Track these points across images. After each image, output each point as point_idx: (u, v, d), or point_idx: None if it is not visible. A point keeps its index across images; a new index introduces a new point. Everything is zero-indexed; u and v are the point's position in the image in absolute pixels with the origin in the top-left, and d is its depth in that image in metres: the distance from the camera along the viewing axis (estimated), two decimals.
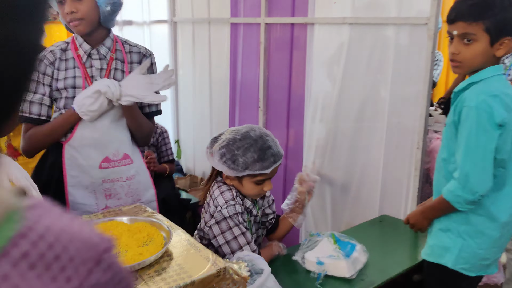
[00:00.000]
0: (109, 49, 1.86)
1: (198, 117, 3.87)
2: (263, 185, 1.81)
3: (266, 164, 1.76)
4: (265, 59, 3.03)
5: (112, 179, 1.87)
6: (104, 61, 1.86)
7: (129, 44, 1.94)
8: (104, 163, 1.85)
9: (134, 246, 1.40)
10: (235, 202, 1.78)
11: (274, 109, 3.07)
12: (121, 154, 1.88)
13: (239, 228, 1.74)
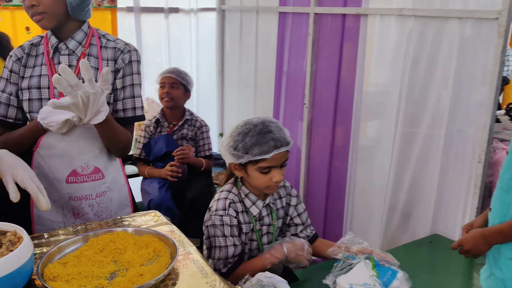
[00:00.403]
0: (80, 43, 1.62)
1: (242, 110, 3.70)
2: (270, 175, 1.66)
3: (265, 148, 1.63)
4: (312, 52, 2.80)
5: (79, 196, 1.64)
6: (73, 56, 1.62)
7: (107, 39, 1.68)
8: (71, 177, 1.62)
9: (137, 264, 1.24)
10: (224, 213, 1.70)
11: (321, 106, 2.83)
12: (91, 167, 1.64)
13: (226, 240, 1.68)
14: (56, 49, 1.61)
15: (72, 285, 1.15)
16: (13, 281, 1.10)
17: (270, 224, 1.80)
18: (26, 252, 1.14)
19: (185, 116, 2.90)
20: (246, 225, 1.76)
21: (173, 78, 2.81)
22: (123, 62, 1.65)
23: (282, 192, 1.85)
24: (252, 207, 1.75)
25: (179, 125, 2.87)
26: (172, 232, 1.46)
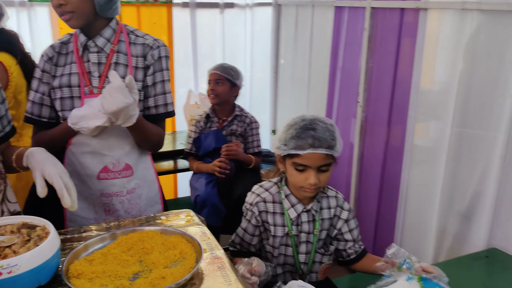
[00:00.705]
0: (109, 40, 1.60)
1: (295, 107, 3.61)
2: (305, 175, 1.56)
3: (301, 143, 1.54)
4: (368, 48, 2.66)
5: (110, 193, 1.65)
6: (102, 54, 1.61)
7: (135, 35, 1.66)
8: (102, 174, 1.63)
9: (161, 266, 1.22)
10: (249, 207, 1.70)
11: (375, 105, 2.69)
12: (122, 164, 1.65)
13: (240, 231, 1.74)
14: (85, 47, 1.60)
15: (94, 284, 1.14)
16: (36, 276, 1.11)
17: (310, 233, 1.70)
18: (51, 247, 1.15)
19: (235, 112, 2.86)
20: (280, 227, 1.68)
21: (217, 75, 2.78)
22: (153, 58, 1.63)
23: (333, 202, 1.72)
24: (291, 210, 1.67)
25: (228, 121, 2.84)
26: (203, 233, 1.42)
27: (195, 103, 3.44)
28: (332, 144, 1.56)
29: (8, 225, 1.25)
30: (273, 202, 1.68)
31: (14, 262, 1.06)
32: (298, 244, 1.69)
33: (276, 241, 1.68)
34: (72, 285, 1.12)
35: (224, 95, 2.79)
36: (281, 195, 1.69)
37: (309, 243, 1.70)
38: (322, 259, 1.72)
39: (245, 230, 1.71)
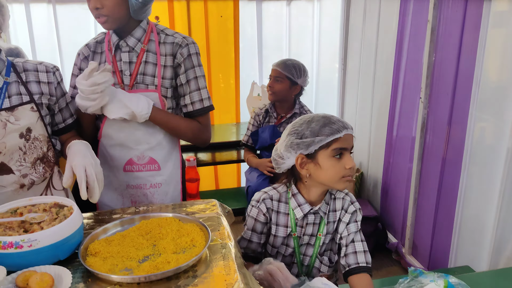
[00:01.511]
0: (139, 40, 1.67)
1: (361, 101, 3.52)
2: (343, 161, 1.49)
3: (336, 126, 1.49)
4: (431, 42, 2.52)
5: (135, 185, 1.73)
6: (133, 53, 1.68)
7: (165, 34, 1.70)
8: (127, 166, 1.72)
9: (170, 251, 1.28)
10: (255, 205, 1.64)
11: (438, 102, 2.55)
12: (146, 158, 1.72)
13: (246, 232, 1.65)
14: (117, 47, 1.68)
15: (106, 263, 1.23)
16: (55, 252, 1.22)
17: (313, 235, 1.63)
18: (71, 226, 1.26)
19: (295, 109, 2.83)
20: (282, 228, 1.62)
21: (277, 72, 2.74)
22: (182, 56, 1.68)
23: (339, 204, 1.64)
24: (297, 209, 1.59)
25: (287, 118, 2.82)
26: (219, 224, 1.46)
27: (257, 95, 3.49)
28: (352, 126, 1.55)
29: (42, 203, 1.38)
30: (278, 200, 1.63)
31: (35, 237, 1.18)
32: (299, 246, 1.64)
33: (277, 240, 1.64)
34: (86, 262, 1.22)
35: (281, 93, 2.77)
36: (288, 195, 1.63)
37: (311, 246, 1.64)
38: (320, 267, 1.65)
39: (253, 230, 1.64)
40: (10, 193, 1.51)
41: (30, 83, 1.54)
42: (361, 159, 3.57)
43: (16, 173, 1.51)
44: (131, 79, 1.68)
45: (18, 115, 1.48)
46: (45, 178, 1.58)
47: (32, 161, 1.53)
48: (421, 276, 1.52)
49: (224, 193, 3.31)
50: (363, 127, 3.49)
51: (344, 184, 1.53)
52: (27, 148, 1.50)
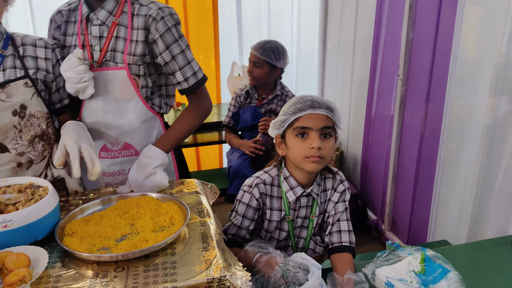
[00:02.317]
0: (111, 13, 1.55)
1: (341, 79, 3.53)
2: (307, 140, 1.49)
3: (300, 106, 1.50)
4: (409, 19, 2.52)
5: (111, 172, 1.67)
6: (104, 27, 1.57)
7: (140, 4, 1.56)
8: (102, 152, 1.65)
9: (148, 230, 1.28)
10: (247, 190, 1.59)
11: (416, 79, 2.56)
12: (121, 143, 1.64)
13: (236, 218, 1.60)
14: (88, 19, 1.58)
15: (84, 242, 1.22)
16: (31, 232, 1.21)
17: (306, 217, 1.63)
18: (46, 206, 1.24)
19: (276, 90, 2.82)
20: (276, 212, 1.61)
21: (256, 57, 2.71)
22: (158, 32, 1.55)
23: (329, 183, 1.63)
24: (289, 192, 1.58)
25: (268, 99, 2.82)
26: (199, 202, 1.46)
27: (238, 75, 3.47)
28: (331, 106, 1.52)
29: (17, 184, 1.36)
30: (271, 184, 1.60)
31: (9, 217, 1.16)
32: (293, 229, 1.64)
33: (271, 225, 1.62)
34: (62, 242, 1.21)
35: (262, 78, 2.75)
36: (280, 178, 1.61)
37: (304, 228, 1.65)
38: (315, 248, 1.67)
39: (244, 216, 1.59)
40: (7, 172, 1.49)
41: (26, 57, 1.49)
42: (341, 138, 3.59)
43: (12, 152, 1.48)
44: (100, 54, 1.58)
45: (10, 91, 1.44)
46: (44, 157, 1.55)
47: (29, 139, 1.50)
48: (399, 250, 1.54)
49: (206, 174, 3.31)
50: (343, 106, 3.50)
51: (310, 165, 1.51)
52: (22, 125, 1.47)
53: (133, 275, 1.10)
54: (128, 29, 1.56)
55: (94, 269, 1.13)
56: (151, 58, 1.61)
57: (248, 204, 1.58)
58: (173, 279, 1.08)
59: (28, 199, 1.29)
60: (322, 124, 1.50)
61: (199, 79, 1.65)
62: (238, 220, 1.59)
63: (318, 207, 1.62)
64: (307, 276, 1.40)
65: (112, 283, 1.07)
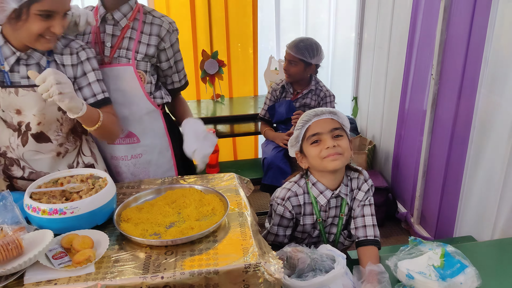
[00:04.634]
0: (125, 15, 1.78)
1: (376, 73, 3.60)
2: (322, 143, 1.68)
3: (306, 118, 1.72)
4: (444, 20, 2.58)
5: (117, 157, 1.89)
6: (117, 27, 1.79)
7: (152, 15, 1.83)
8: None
9: (193, 219, 1.45)
10: (281, 203, 1.75)
11: (448, 78, 2.63)
12: (125, 131, 1.87)
13: (272, 228, 1.77)
14: (103, 19, 1.79)
15: (137, 228, 1.40)
16: (93, 217, 1.40)
17: (336, 216, 1.79)
18: (106, 195, 1.43)
19: (310, 85, 2.93)
20: (308, 216, 1.77)
21: (291, 55, 2.81)
22: (170, 42, 1.85)
23: (355, 183, 1.79)
24: (320, 196, 1.74)
25: (303, 94, 2.92)
26: (237, 195, 1.62)
27: (275, 69, 3.59)
28: (333, 111, 1.71)
29: (79, 174, 1.55)
30: (303, 193, 1.75)
31: (76, 205, 1.35)
32: (324, 228, 1.80)
33: (305, 228, 1.79)
34: (120, 227, 1.39)
35: (297, 76, 2.86)
36: (308, 185, 1.76)
37: (334, 225, 1.81)
38: (344, 242, 1.83)
39: (280, 225, 1.76)
40: (48, 160, 1.68)
41: (59, 64, 1.64)
42: (374, 132, 3.67)
43: (53, 142, 1.67)
44: (111, 51, 1.79)
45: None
46: (76, 146, 1.75)
47: (67, 132, 1.69)
48: (421, 245, 1.66)
49: (242, 164, 3.46)
50: (376, 100, 3.58)
51: (331, 163, 1.67)
52: (63, 119, 1.65)
53: (181, 259, 1.27)
54: (138, 32, 1.80)
55: (147, 252, 1.31)
56: (157, 61, 1.87)
57: (282, 216, 1.75)
58: (215, 263, 1.24)
59: (89, 188, 1.48)
60: (330, 126, 1.67)
61: (186, 80, 2.08)
62: (274, 229, 1.77)
63: (347, 205, 1.76)
64: (334, 264, 1.55)
65: (163, 264, 1.25)
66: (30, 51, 1.56)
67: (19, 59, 1.56)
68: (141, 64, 1.81)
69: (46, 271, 1.21)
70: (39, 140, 1.63)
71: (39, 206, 1.34)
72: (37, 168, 1.67)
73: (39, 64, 1.58)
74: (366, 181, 1.79)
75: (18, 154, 1.65)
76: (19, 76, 1.57)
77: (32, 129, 1.60)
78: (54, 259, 1.25)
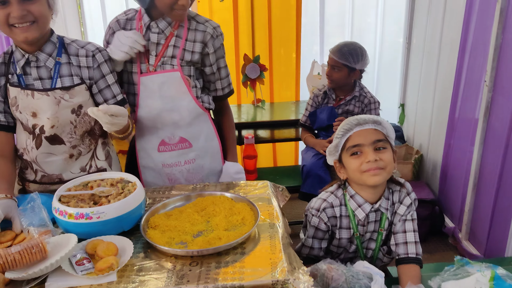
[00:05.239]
0: (170, 24, 1.75)
1: (424, 79, 3.43)
2: (362, 155, 1.55)
3: (347, 126, 1.59)
4: (499, 23, 2.41)
5: (170, 164, 1.85)
6: (162, 36, 1.76)
7: (196, 21, 1.79)
8: (161, 146, 1.84)
9: (222, 228, 1.39)
10: (316, 214, 1.65)
11: (503, 86, 2.45)
12: (177, 137, 1.83)
13: (307, 240, 1.68)
14: (148, 27, 1.76)
15: (164, 235, 1.35)
16: (120, 223, 1.37)
17: (375, 231, 1.67)
18: (134, 201, 1.39)
19: (354, 91, 2.81)
20: (345, 230, 1.66)
21: (334, 60, 2.71)
22: (214, 48, 1.80)
23: (396, 196, 1.66)
24: (358, 210, 1.62)
25: (345, 100, 2.81)
26: (269, 204, 1.55)
27: (317, 74, 3.49)
28: (378, 120, 1.57)
29: (110, 178, 1.53)
30: (339, 205, 1.65)
31: (102, 210, 1.32)
32: (362, 243, 1.69)
33: (341, 242, 1.68)
34: (146, 234, 1.35)
35: (340, 81, 2.75)
36: (345, 197, 1.65)
37: (373, 240, 1.68)
38: (383, 258, 1.71)
39: (314, 237, 1.67)
40: (60, 161, 1.69)
41: (74, 66, 1.64)
42: (422, 141, 3.50)
43: (67, 144, 1.67)
44: (156, 59, 1.77)
45: (74, 93, 1.62)
46: (90, 150, 1.74)
47: (81, 134, 1.68)
48: (468, 266, 1.53)
49: (281, 171, 3.38)
50: (425, 108, 3.41)
51: (371, 179, 1.54)
52: (77, 122, 1.65)
53: (205, 271, 1.21)
54: (183, 40, 1.77)
55: (172, 262, 1.26)
56: (201, 65, 1.82)
57: (317, 227, 1.65)
58: (240, 277, 1.17)
59: (118, 193, 1.45)
60: (372, 138, 1.54)
61: (231, 89, 1.97)
62: (308, 241, 1.68)
63: (387, 220, 1.65)
64: (371, 283, 1.44)
65: (187, 276, 1.19)
66: (37, 52, 1.58)
67: (28, 61, 1.59)
68: (185, 69, 1.78)
69: (68, 277, 1.19)
70: (52, 142, 1.65)
71: (66, 210, 1.32)
72: (49, 171, 1.69)
73: (45, 65, 1.61)
74: (409, 194, 1.67)
75: (32, 157, 1.67)
76: (32, 78, 1.61)
77: (46, 132, 1.62)
78: (77, 265, 1.22)
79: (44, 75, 1.61)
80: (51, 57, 1.60)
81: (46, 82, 1.61)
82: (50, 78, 1.61)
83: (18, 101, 1.61)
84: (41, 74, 1.61)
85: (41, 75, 1.61)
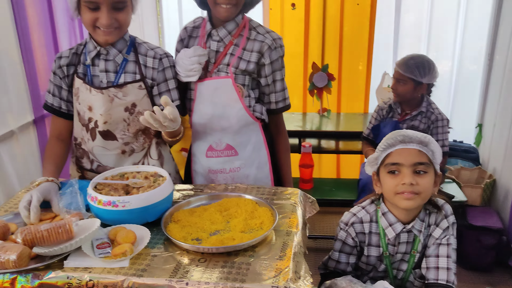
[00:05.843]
0: (230, 32, 1.77)
1: (503, 99, 3.18)
2: (400, 176, 1.47)
3: (391, 141, 1.51)
4: None
5: (215, 170, 1.86)
6: (221, 44, 1.78)
7: (257, 32, 1.78)
8: (209, 152, 1.87)
9: (238, 230, 1.41)
10: (344, 227, 1.61)
11: None
12: (223, 144, 1.85)
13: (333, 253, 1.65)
14: (209, 35, 1.80)
15: (183, 230, 1.41)
16: (144, 214, 1.44)
17: (407, 253, 1.59)
18: (160, 194, 1.45)
19: (421, 107, 2.69)
20: (374, 248, 1.60)
21: (399, 73, 2.60)
22: (270, 59, 1.77)
23: (432, 218, 1.57)
24: (388, 229, 1.55)
25: (411, 115, 2.68)
26: (292, 212, 1.54)
27: (387, 86, 3.39)
28: (425, 140, 1.47)
29: (145, 171, 1.61)
30: (370, 221, 1.59)
31: (128, 199, 1.40)
32: (392, 263, 1.61)
33: (370, 260, 1.62)
34: (167, 227, 1.41)
35: (406, 95, 2.63)
36: (378, 213, 1.59)
37: (404, 262, 1.60)
38: (414, 282, 1.61)
39: (341, 252, 1.63)
40: (113, 156, 1.79)
41: (141, 64, 1.74)
42: (496, 165, 3.25)
43: (119, 140, 1.76)
44: (213, 66, 1.80)
45: (126, 91, 1.71)
46: (144, 148, 1.82)
47: (134, 132, 1.77)
48: None
49: (339, 183, 3.31)
50: (502, 129, 3.17)
51: (403, 202, 1.48)
52: (130, 120, 1.74)
53: (210, 269, 1.23)
54: (240, 49, 1.78)
55: (183, 256, 1.30)
56: (257, 76, 1.81)
57: (344, 242, 1.62)
58: (242, 279, 1.18)
59: (150, 186, 1.52)
60: (414, 160, 1.46)
61: (286, 104, 1.91)
62: (335, 255, 1.64)
63: (421, 243, 1.57)
64: None
65: (192, 271, 1.23)
66: (109, 47, 1.69)
67: (99, 54, 1.71)
68: (239, 78, 1.79)
69: (86, 258, 1.27)
70: (105, 138, 1.75)
71: (97, 197, 1.41)
72: (104, 163, 1.79)
73: (114, 60, 1.71)
74: (447, 217, 1.56)
75: (89, 147, 1.79)
76: (99, 69, 1.72)
77: (99, 126, 1.73)
78: (97, 248, 1.30)
79: (111, 68, 1.73)
80: (121, 54, 1.72)
81: (111, 75, 1.72)
82: (115, 72, 1.72)
83: (79, 92, 1.74)
84: (108, 67, 1.73)
85: (107, 68, 1.73)
